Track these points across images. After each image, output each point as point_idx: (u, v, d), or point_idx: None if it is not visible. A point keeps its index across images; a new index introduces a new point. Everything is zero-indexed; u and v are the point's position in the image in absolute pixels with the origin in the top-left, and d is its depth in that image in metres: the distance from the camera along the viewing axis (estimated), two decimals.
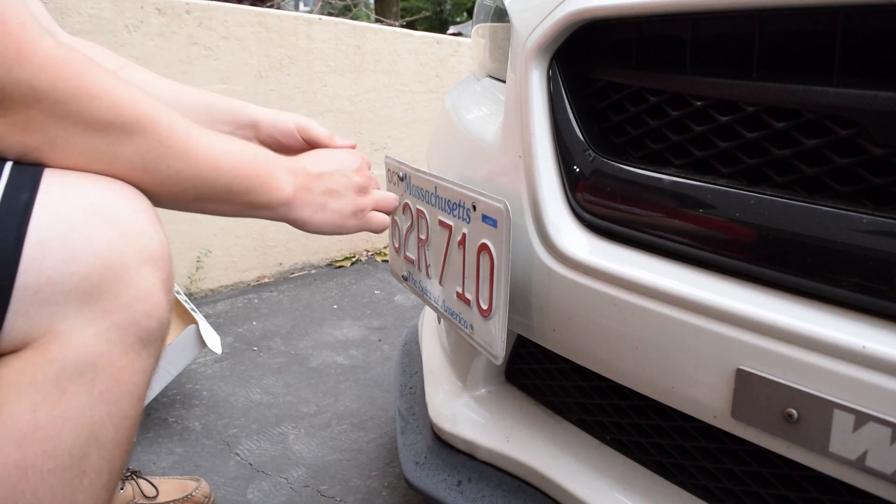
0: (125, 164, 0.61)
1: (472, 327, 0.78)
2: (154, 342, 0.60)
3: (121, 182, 0.61)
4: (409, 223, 0.95)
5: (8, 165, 0.56)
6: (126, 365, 0.57)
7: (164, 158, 0.63)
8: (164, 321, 0.60)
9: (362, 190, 0.82)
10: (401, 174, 0.96)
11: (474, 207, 0.75)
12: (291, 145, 0.91)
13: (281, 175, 0.73)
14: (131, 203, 0.60)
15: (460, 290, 0.80)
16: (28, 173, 0.56)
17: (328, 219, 0.78)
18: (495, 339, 0.73)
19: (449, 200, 0.81)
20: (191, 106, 0.90)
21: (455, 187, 0.79)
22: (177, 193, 0.65)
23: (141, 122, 0.61)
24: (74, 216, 0.56)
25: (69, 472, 0.55)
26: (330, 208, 0.78)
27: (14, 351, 0.54)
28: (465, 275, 0.79)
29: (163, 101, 0.79)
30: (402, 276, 1.00)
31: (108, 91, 0.59)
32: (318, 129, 0.92)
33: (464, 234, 0.78)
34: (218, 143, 0.68)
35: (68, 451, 0.54)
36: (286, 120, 0.91)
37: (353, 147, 0.90)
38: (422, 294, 0.94)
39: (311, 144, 0.91)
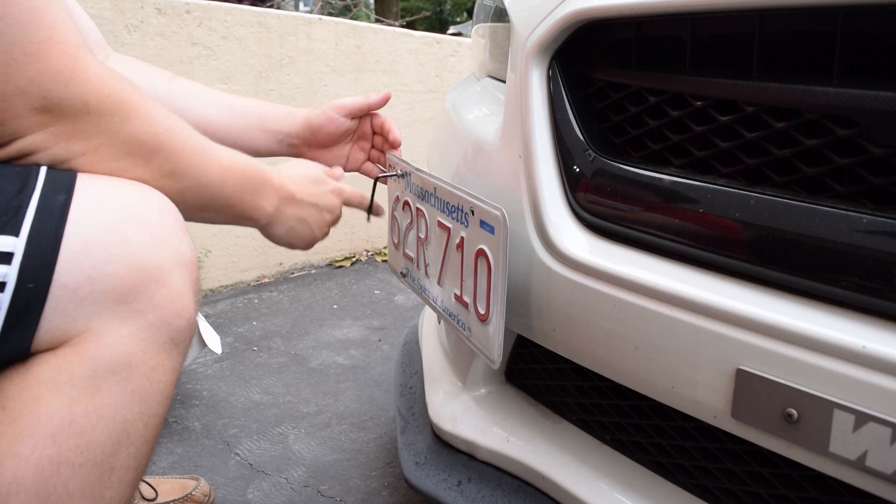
0: (157, 171, 0.66)
1: (469, 330, 0.78)
2: (183, 342, 0.62)
3: (150, 187, 0.64)
4: (408, 220, 0.95)
5: (43, 170, 0.58)
6: (158, 364, 0.59)
7: (187, 167, 0.69)
8: (192, 322, 0.63)
9: (331, 223, 0.94)
10: (401, 171, 0.96)
11: (472, 212, 0.75)
12: (338, 132, 1.04)
13: (269, 193, 0.82)
14: (162, 207, 0.63)
15: (458, 293, 0.80)
16: (63, 177, 0.59)
17: (293, 241, 0.90)
18: (493, 344, 0.73)
19: (448, 203, 0.81)
20: (241, 115, 1.00)
21: (454, 190, 0.79)
22: (190, 202, 0.71)
23: (169, 133, 0.67)
24: (112, 219, 0.58)
25: (100, 467, 0.56)
26: (297, 234, 0.89)
27: (51, 348, 0.56)
28: (464, 278, 0.79)
29: (216, 110, 0.96)
30: (401, 273, 1.00)
31: (143, 106, 0.65)
32: (350, 103, 1.03)
33: (462, 238, 0.78)
34: (224, 158, 0.75)
35: (100, 447, 0.56)
36: (327, 112, 1.02)
37: (388, 96, 1.03)
38: (420, 292, 0.94)
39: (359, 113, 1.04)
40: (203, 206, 0.74)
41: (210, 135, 0.98)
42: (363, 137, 1.08)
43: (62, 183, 0.58)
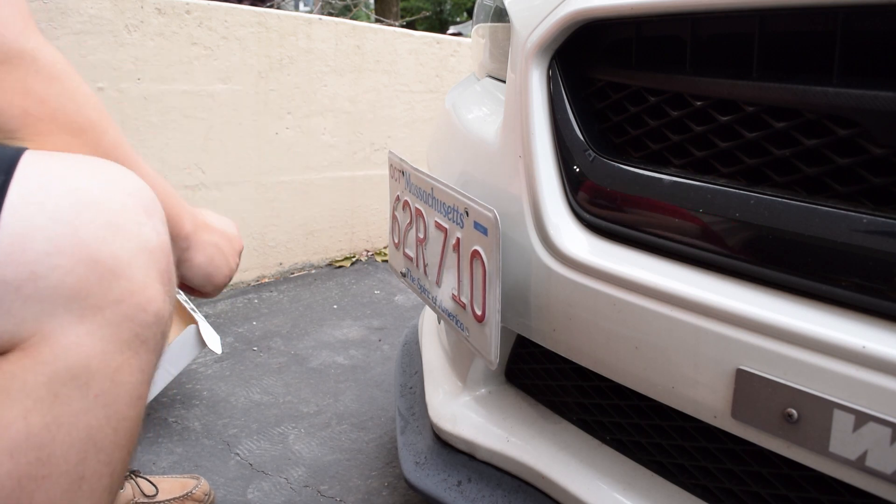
0: (91, 149, 0.64)
1: (468, 330, 0.78)
2: (153, 337, 0.57)
3: (113, 163, 0.59)
4: (408, 220, 0.95)
5: None
6: (122, 364, 0.54)
7: (118, 154, 0.67)
8: (161, 314, 0.57)
9: (238, 254, 0.88)
10: (401, 170, 0.96)
11: (467, 213, 0.75)
12: None
13: (187, 213, 0.78)
14: (122, 187, 0.57)
15: (456, 293, 0.80)
16: (4, 156, 0.53)
17: (213, 272, 0.82)
18: (490, 344, 0.73)
19: (444, 203, 0.81)
20: None
21: (449, 191, 0.79)
22: None
23: (101, 114, 0.66)
24: (57, 204, 0.53)
25: (66, 478, 0.52)
26: (216, 263, 0.82)
27: (1, 353, 0.52)
28: (460, 278, 0.79)
29: None
30: (402, 273, 1.00)
31: (82, 85, 0.64)
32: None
33: (458, 239, 0.78)
34: (148, 167, 0.73)
35: (64, 458, 0.52)
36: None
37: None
38: (420, 292, 0.94)
39: None
40: None
41: None
42: None
43: (1, 164, 0.52)
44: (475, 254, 0.74)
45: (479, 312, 0.75)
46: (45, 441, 0.51)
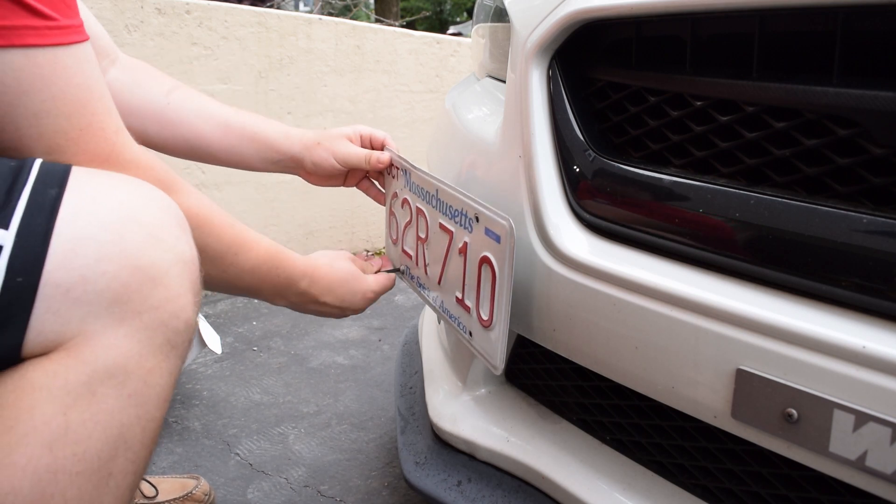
0: None
1: (471, 334, 0.78)
2: (181, 344, 0.61)
3: (149, 184, 0.64)
4: (407, 219, 0.95)
5: (37, 163, 0.58)
6: (154, 366, 0.58)
7: (211, 259, 0.74)
8: (191, 322, 0.61)
9: (361, 304, 0.97)
10: (401, 168, 0.95)
11: (477, 218, 0.74)
12: (334, 174, 1.04)
13: (290, 296, 0.89)
14: (160, 204, 0.62)
15: (460, 296, 0.80)
16: (56, 171, 0.58)
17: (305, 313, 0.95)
18: (495, 350, 0.72)
19: (450, 206, 0.80)
20: (237, 134, 1.01)
21: (457, 194, 0.78)
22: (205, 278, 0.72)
23: (204, 226, 0.72)
24: (105, 216, 0.57)
25: (97, 474, 0.55)
26: (312, 315, 0.95)
27: (45, 353, 0.54)
28: (466, 283, 0.78)
29: (211, 127, 0.99)
30: (400, 270, 1.00)
31: (181, 202, 0.67)
32: (354, 160, 1.03)
33: (465, 243, 0.77)
34: (250, 263, 0.82)
35: (97, 454, 0.55)
36: (326, 157, 1.02)
37: (384, 143, 1.03)
38: (419, 290, 0.94)
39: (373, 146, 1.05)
40: (216, 288, 0.80)
41: (204, 150, 1.00)
42: None
43: (55, 177, 0.57)
44: (485, 260, 0.73)
45: (485, 318, 0.74)
46: (82, 437, 0.54)
